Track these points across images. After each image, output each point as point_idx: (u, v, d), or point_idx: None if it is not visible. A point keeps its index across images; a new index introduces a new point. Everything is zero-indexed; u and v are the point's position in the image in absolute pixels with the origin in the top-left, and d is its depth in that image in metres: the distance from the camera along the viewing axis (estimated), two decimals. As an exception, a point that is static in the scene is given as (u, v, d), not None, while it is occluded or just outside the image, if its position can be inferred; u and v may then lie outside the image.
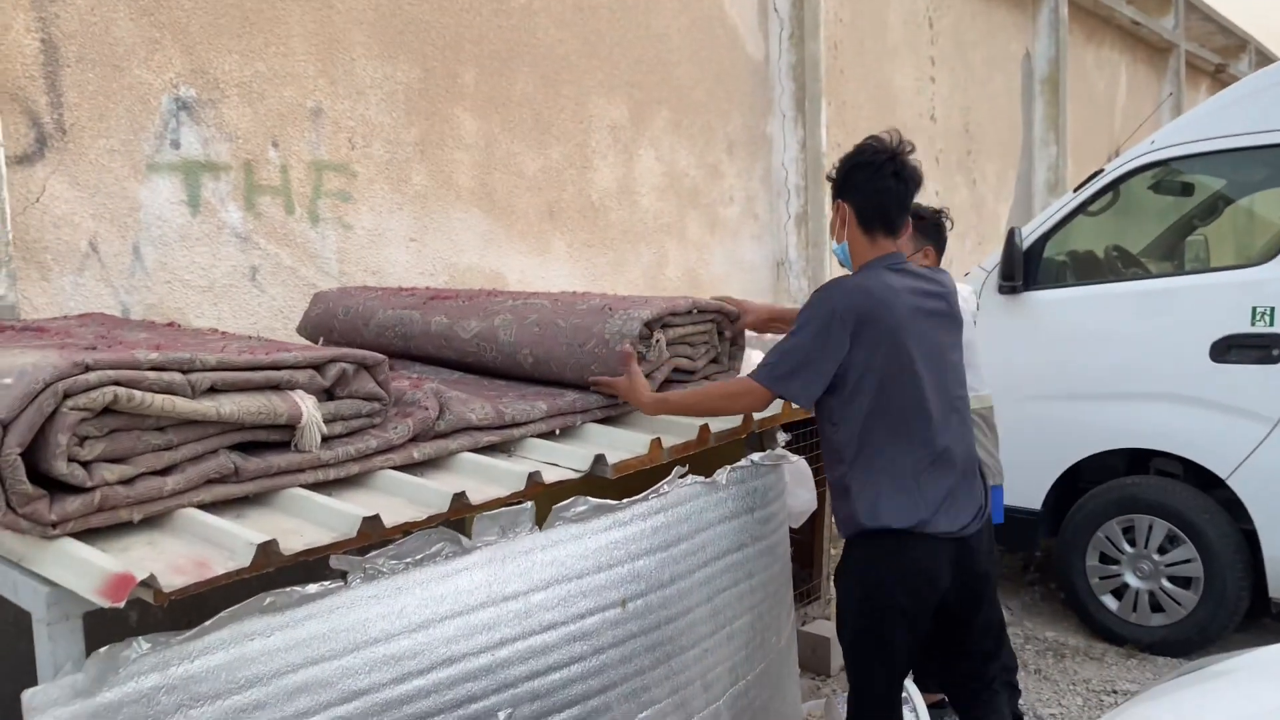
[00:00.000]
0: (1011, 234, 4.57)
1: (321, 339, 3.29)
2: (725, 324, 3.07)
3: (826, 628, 4.32)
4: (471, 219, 4.57)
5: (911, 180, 2.56)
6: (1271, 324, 3.91)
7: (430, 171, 4.37)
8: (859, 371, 2.45)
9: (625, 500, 2.39)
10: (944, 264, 3.50)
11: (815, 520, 4.35)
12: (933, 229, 3.50)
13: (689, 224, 5.81)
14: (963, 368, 2.67)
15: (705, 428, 2.66)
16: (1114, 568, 4.39)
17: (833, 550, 5.02)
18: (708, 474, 2.65)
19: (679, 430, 2.67)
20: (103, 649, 1.65)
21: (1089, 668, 4.18)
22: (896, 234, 2.59)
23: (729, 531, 2.67)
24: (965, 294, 3.40)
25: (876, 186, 2.53)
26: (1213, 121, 4.34)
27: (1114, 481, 4.36)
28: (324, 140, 3.98)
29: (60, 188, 3.25)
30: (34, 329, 2.63)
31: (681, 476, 2.55)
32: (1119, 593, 4.38)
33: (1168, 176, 4.58)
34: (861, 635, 2.57)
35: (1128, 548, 4.34)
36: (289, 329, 3.71)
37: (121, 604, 1.57)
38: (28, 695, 1.60)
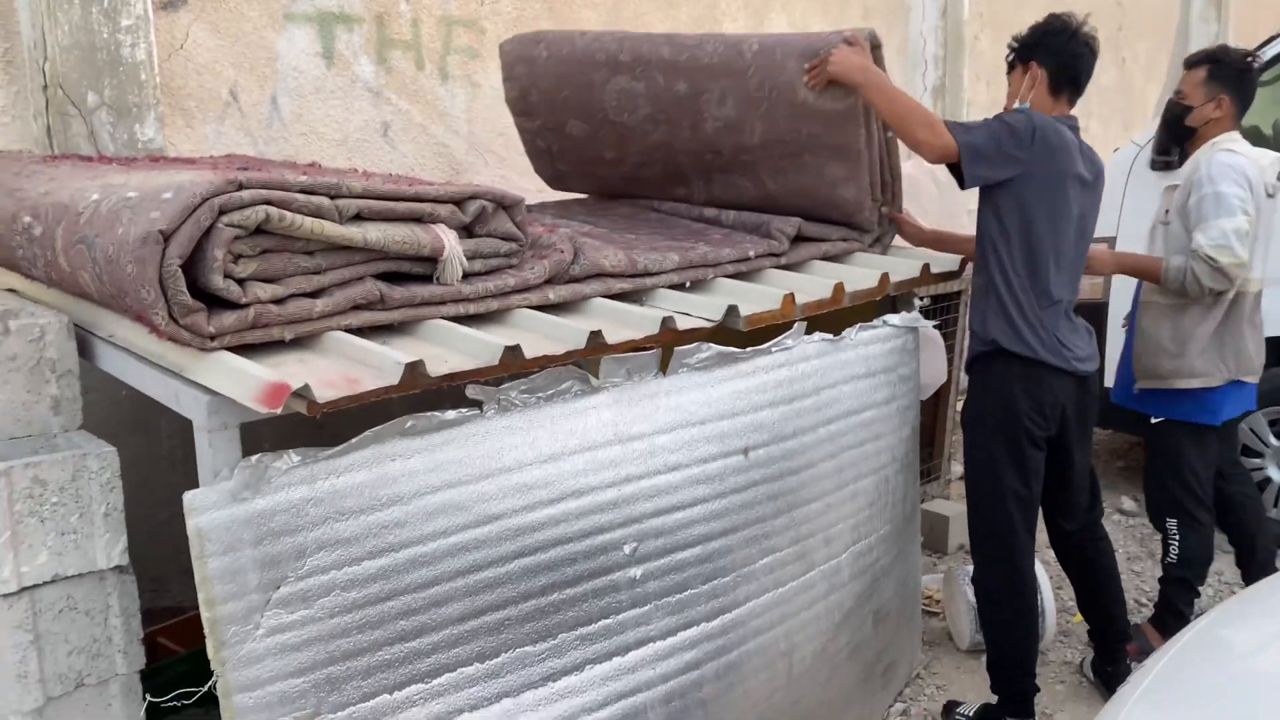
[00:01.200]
0: (1170, 105, 4.25)
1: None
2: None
3: (946, 506, 4.28)
4: (598, 81, 4.49)
5: (1096, 56, 2.79)
6: None
7: (558, 29, 4.28)
8: (1019, 198, 2.65)
9: (748, 349, 2.36)
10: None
11: (939, 399, 4.27)
12: (1234, 76, 3.04)
13: (819, 94, 5.61)
14: (1091, 237, 2.85)
15: (840, 286, 2.60)
16: (1256, 460, 4.19)
17: (954, 436, 4.93)
18: (837, 333, 2.60)
19: (812, 288, 2.61)
20: (254, 458, 1.73)
21: (1222, 560, 4.03)
22: (1074, 102, 2.81)
23: (856, 391, 2.63)
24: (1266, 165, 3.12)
25: (1072, 51, 2.73)
26: None
27: (1266, 372, 4.11)
28: (454, -6, 3.93)
29: (202, 35, 3.31)
30: (184, 160, 2.71)
31: (802, 329, 2.50)
32: (1261, 487, 4.19)
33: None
34: (993, 444, 2.74)
35: (1274, 441, 4.13)
36: (419, 185, 3.74)
37: (278, 410, 1.63)
38: (189, 496, 1.70)
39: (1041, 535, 3.03)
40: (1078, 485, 2.96)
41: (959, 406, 5.74)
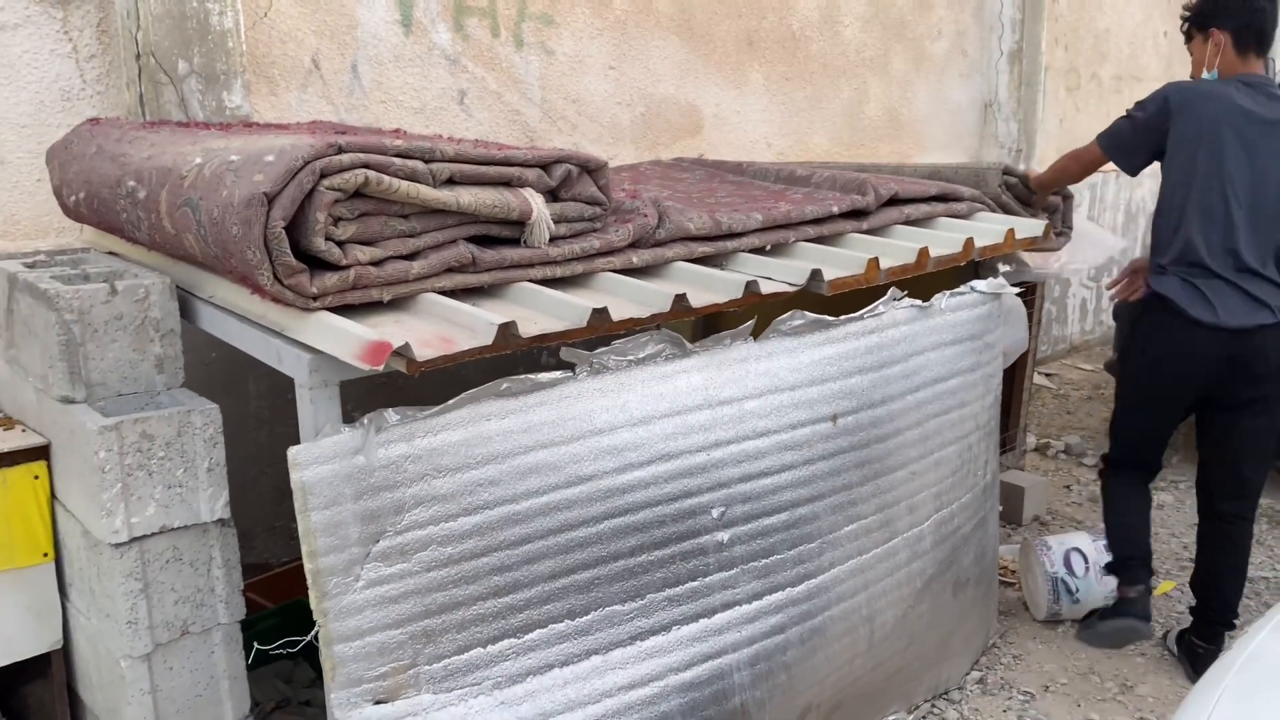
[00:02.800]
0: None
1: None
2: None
3: (1022, 477, 4.23)
4: (670, 47, 4.46)
5: (1278, 2, 2.88)
6: None
7: (631, -4, 4.27)
8: (1173, 153, 2.84)
9: (841, 317, 2.34)
10: None
11: (1016, 370, 4.20)
12: None
13: (893, 59, 5.51)
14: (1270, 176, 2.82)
15: (924, 251, 2.56)
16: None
17: (1029, 407, 4.86)
18: (925, 299, 2.57)
19: (896, 253, 2.58)
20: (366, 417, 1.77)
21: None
22: (1267, 51, 2.90)
23: (943, 358, 2.60)
24: None
25: (1252, 7, 2.85)
26: None
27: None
28: (529, -39, 3.92)
29: (286, 3, 3.34)
30: (277, 126, 2.75)
31: (897, 298, 2.48)
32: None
33: None
34: (1135, 381, 3.00)
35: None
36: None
37: (380, 367, 1.66)
38: (293, 451, 1.74)
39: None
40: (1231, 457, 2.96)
41: (1035, 377, 5.63)
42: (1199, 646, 3.02)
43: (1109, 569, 3.16)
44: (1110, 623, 3.07)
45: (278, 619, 2.73)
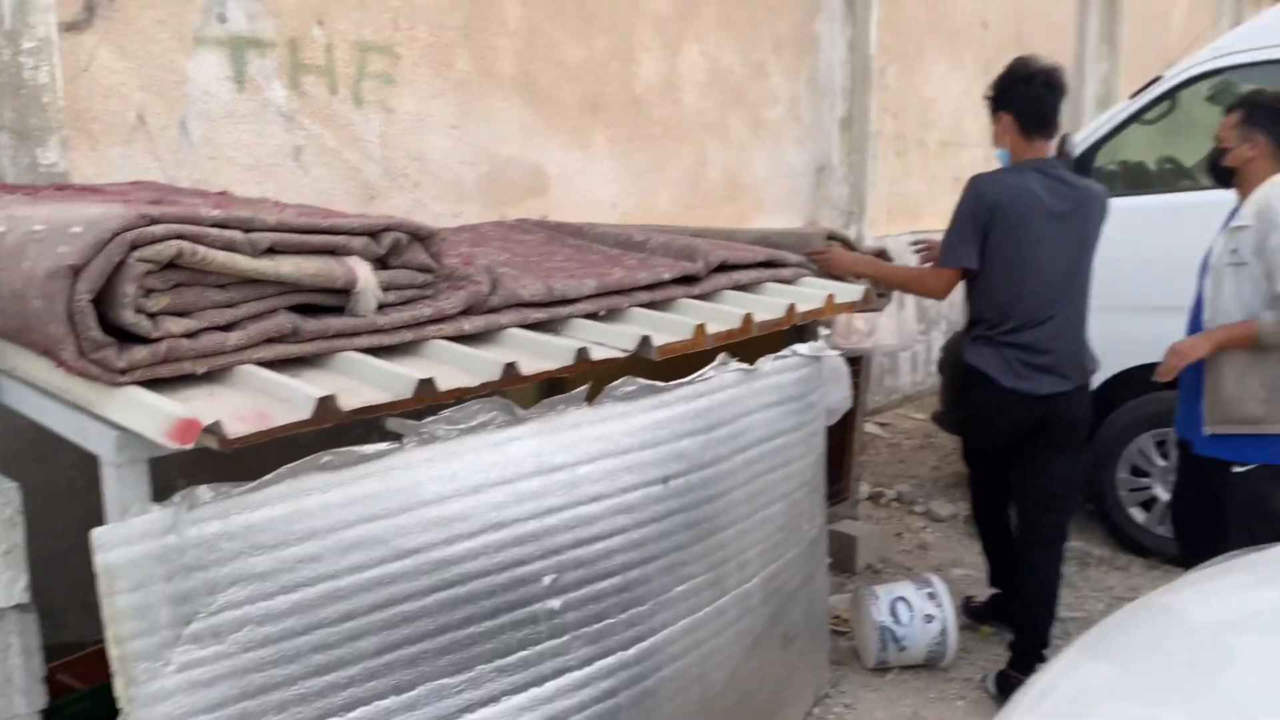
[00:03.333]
0: (1063, 140, 4.46)
1: None
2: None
3: (855, 527, 4.40)
4: (513, 109, 4.52)
5: (1061, 89, 3.16)
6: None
7: (473, 57, 4.31)
8: (990, 249, 3.12)
9: (671, 382, 2.41)
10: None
11: (847, 424, 4.38)
12: (1267, 117, 3.11)
13: (732, 124, 5.73)
14: (1083, 267, 3.28)
15: (749, 316, 2.67)
16: (1144, 480, 4.41)
17: (861, 456, 5.07)
18: (749, 362, 2.67)
19: (723, 318, 2.67)
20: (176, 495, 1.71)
21: (1113, 576, 4.24)
22: (1050, 136, 3.22)
23: (768, 419, 2.70)
24: None
25: (1033, 95, 3.13)
26: (1275, 31, 4.20)
27: (1150, 395, 4.34)
28: (368, 20, 3.92)
29: (109, 58, 3.24)
30: (91, 189, 2.65)
31: (725, 363, 2.57)
32: (1148, 505, 4.41)
33: (1226, 87, 4.44)
34: (970, 433, 3.57)
35: (1160, 461, 4.35)
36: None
37: (190, 445, 1.61)
38: (98, 533, 1.67)
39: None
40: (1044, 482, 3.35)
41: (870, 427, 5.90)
42: (1014, 678, 3.21)
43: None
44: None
45: (89, 702, 2.59)
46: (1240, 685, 1.63)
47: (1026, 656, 3.26)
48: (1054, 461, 3.28)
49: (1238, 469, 3.13)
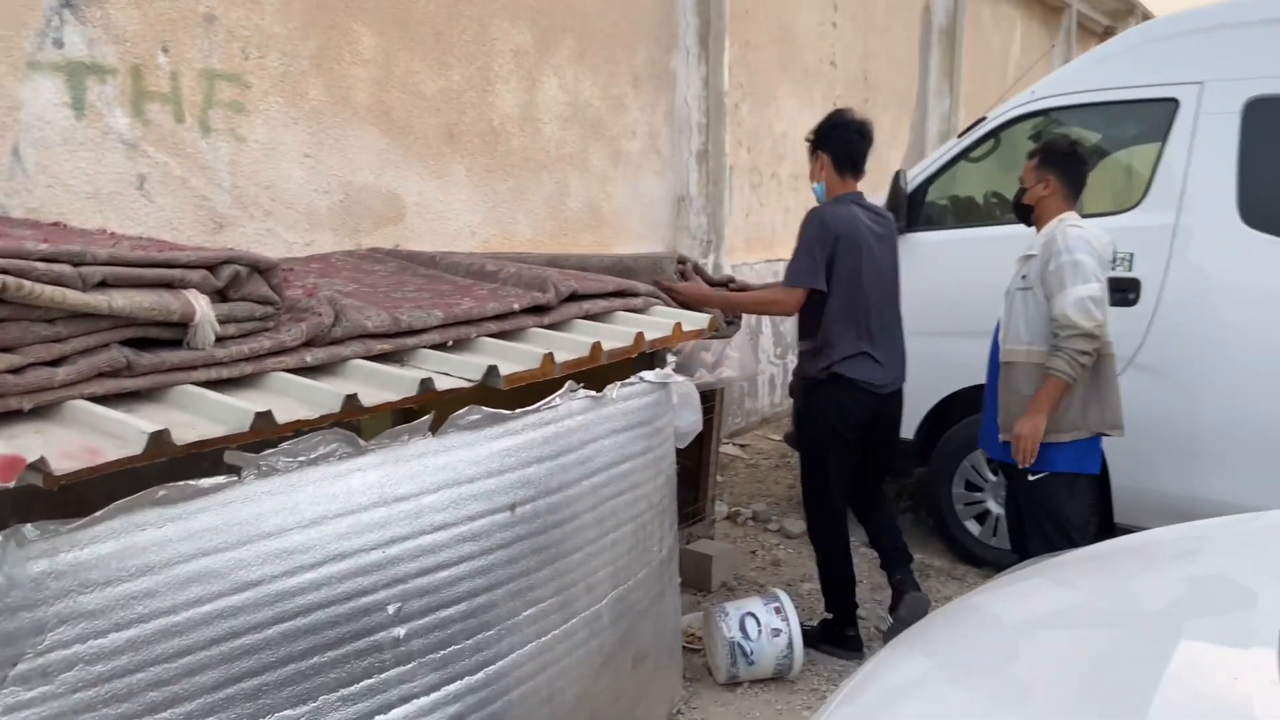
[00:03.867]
0: (897, 176, 4.75)
1: None
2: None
3: (710, 546, 4.52)
4: (368, 138, 4.52)
5: (869, 138, 3.71)
6: (1130, 269, 4.20)
7: (326, 86, 4.30)
8: (835, 271, 3.55)
9: (518, 410, 2.47)
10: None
11: (703, 445, 4.53)
12: (1058, 160, 3.49)
13: (592, 156, 5.85)
14: (897, 281, 3.77)
15: (597, 345, 2.75)
16: (978, 494, 4.69)
17: (719, 477, 5.22)
18: (598, 390, 2.75)
19: (571, 347, 2.75)
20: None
21: (951, 586, 4.48)
22: (859, 176, 3.73)
23: (616, 444, 2.79)
24: (1106, 240, 3.50)
25: (848, 140, 3.65)
26: (1091, 75, 4.57)
27: (977, 415, 4.64)
28: (217, 49, 3.87)
29: (-67, 81, 3.12)
30: (-90, 221, 2.54)
31: (573, 391, 2.65)
32: (981, 518, 4.69)
33: (1047, 126, 4.81)
34: (822, 442, 3.73)
35: (990, 476, 4.63)
36: (177, 241, 3.64)
37: (11, 484, 1.59)
38: (-87, 577, 1.62)
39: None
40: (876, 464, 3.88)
41: (729, 448, 6.09)
42: (902, 608, 3.69)
43: (838, 615, 3.82)
44: (834, 649, 3.81)
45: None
46: (1030, 671, 1.80)
47: (907, 575, 3.80)
48: (879, 451, 3.82)
49: (1031, 477, 3.45)
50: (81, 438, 1.78)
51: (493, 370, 2.44)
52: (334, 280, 3.02)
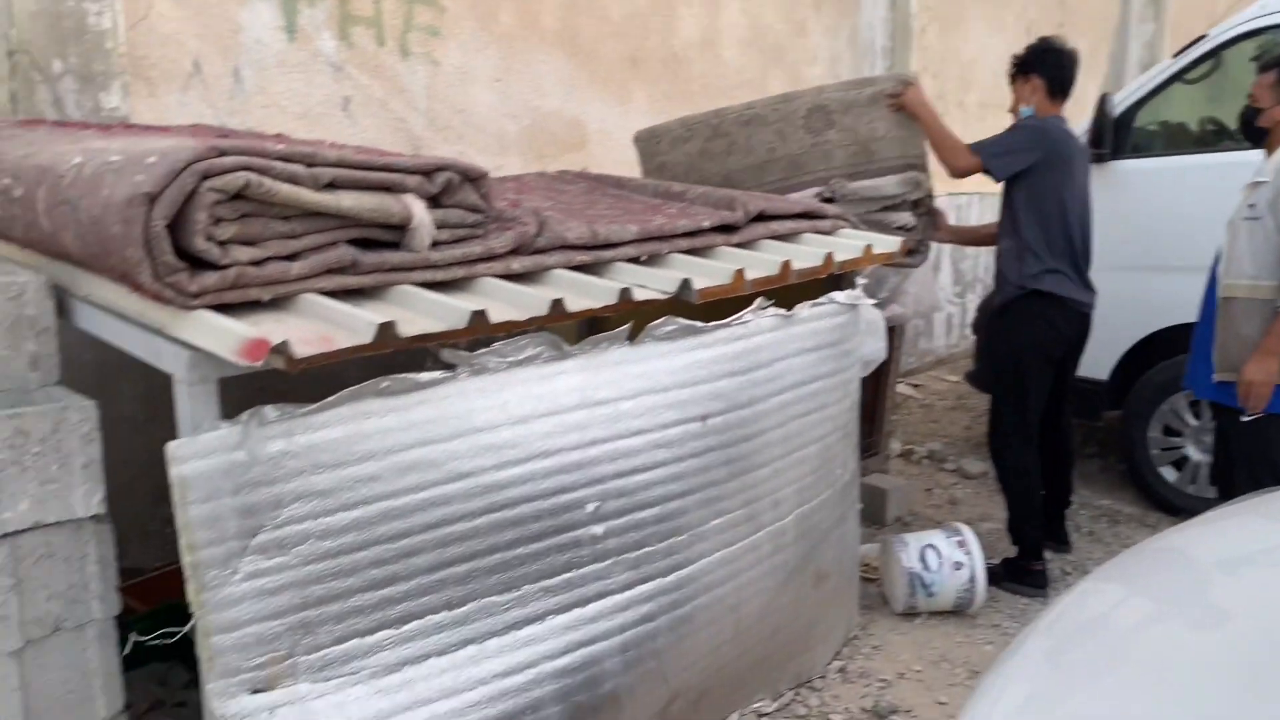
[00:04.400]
0: (1103, 100, 4.46)
1: None
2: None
3: (885, 480, 4.46)
4: (556, 63, 4.58)
5: (1078, 64, 3.73)
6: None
7: (517, 10, 4.37)
8: (1042, 180, 3.56)
9: (711, 324, 2.49)
10: None
11: (880, 380, 4.44)
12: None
13: (770, 82, 5.74)
14: (1090, 206, 3.75)
15: (787, 263, 2.73)
16: (1176, 440, 4.43)
17: (893, 415, 5.13)
18: (788, 308, 2.73)
19: (761, 265, 2.73)
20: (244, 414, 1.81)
21: (1142, 533, 4.27)
22: (1065, 102, 3.73)
23: (804, 364, 2.77)
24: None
25: (1061, 64, 3.68)
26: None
27: (1185, 355, 4.35)
28: (415, -27, 3.99)
29: (167, 6, 3.33)
30: (158, 129, 2.75)
31: (763, 308, 2.64)
32: (1179, 465, 4.44)
33: (1271, 47, 4.41)
34: (1025, 362, 3.64)
35: (1193, 420, 4.37)
36: (380, 159, 3.79)
37: (259, 363, 1.71)
38: (172, 446, 1.78)
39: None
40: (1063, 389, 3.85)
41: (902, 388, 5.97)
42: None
43: (1023, 550, 3.76)
44: (1019, 586, 3.73)
45: (150, 622, 2.71)
46: (1229, 600, 1.74)
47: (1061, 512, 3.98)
48: (1067, 378, 3.85)
49: (1245, 418, 3.21)
50: (314, 327, 1.89)
51: (686, 283, 2.45)
52: (530, 198, 3.09)
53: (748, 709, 2.87)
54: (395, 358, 2.00)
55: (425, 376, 2.03)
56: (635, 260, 2.63)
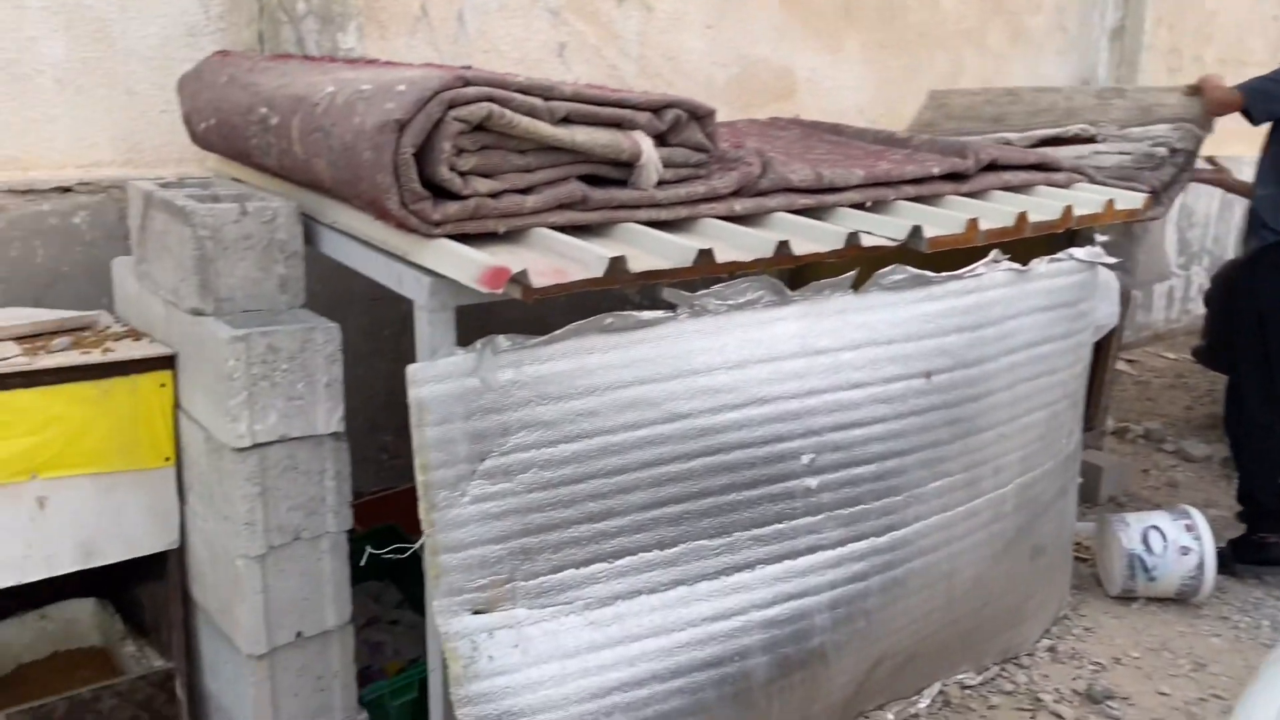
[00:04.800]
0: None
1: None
2: None
3: (1100, 457, 4.20)
4: (767, 9, 4.46)
5: None
6: None
7: (732, -44, 4.27)
8: None
9: (942, 274, 2.36)
10: None
11: (1102, 349, 4.15)
12: None
13: (990, 32, 5.42)
14: None
15: (1023, 215, 2.56)
16: None
17: (1113, 389, 4.80)
18: (1022, 263, 2.57)
19: (994, 216, 2.58)
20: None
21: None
22: None
23: (1037, 324, 2.60)
24: None
25: None
26: None
27: None
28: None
29: (399, -50, 3.43)
30: (400, 63, 2.83)
31: (997, 261, 2.49)
32: None
33: None
34: (1272, 316, 3.37)
35: None
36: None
37: (499, 290, 1.73)
38: (412, 369, 1.83)
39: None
40: None
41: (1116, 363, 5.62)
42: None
43: (1256, 521, 3.48)
44: (1253, 568, 3.47)
45: (368, 542, 2.85)
46: None
47: None
48: None
49: None
50: (547, 260, 1.91)
51: (917, 231, 2.34)
52: (745, 143, 3.02)
53: (950, 679, 2.76)
54: (597, 304, 2.00)
55: (647, 315, 2.02)
56: (859, 206, 2.54)
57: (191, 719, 2.40)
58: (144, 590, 2.47)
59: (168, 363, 2.21)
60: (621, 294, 3.98)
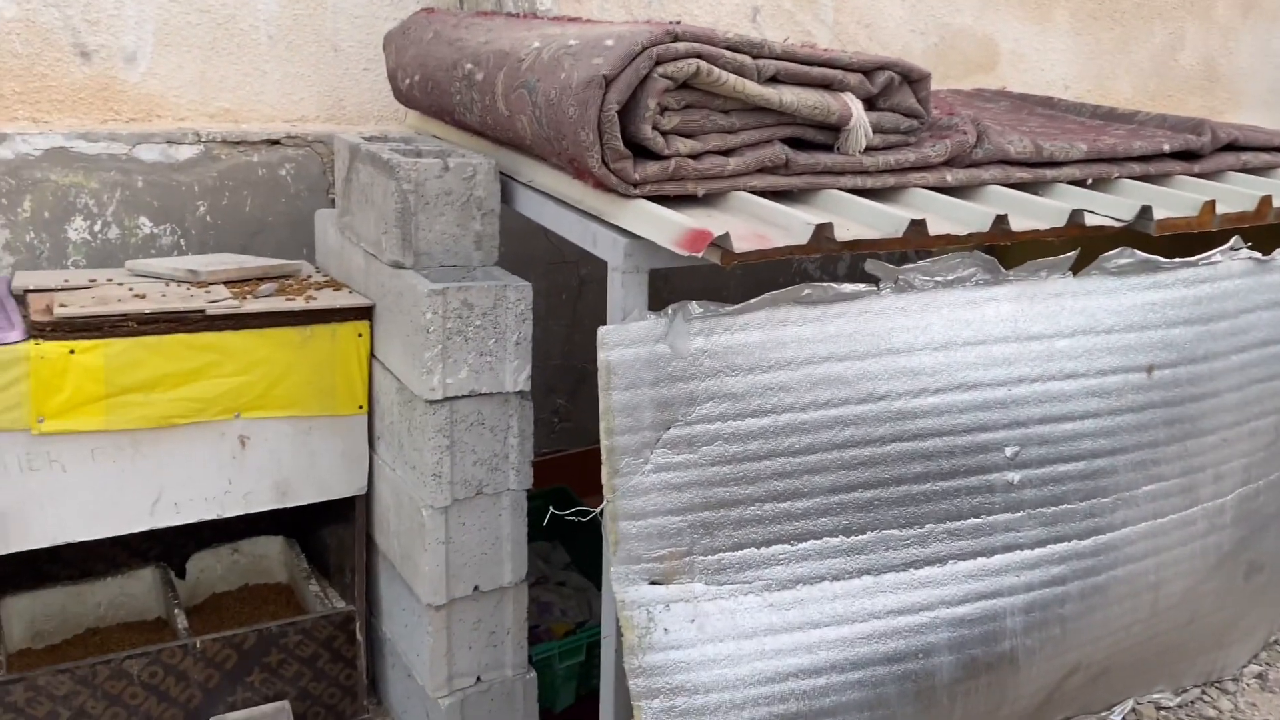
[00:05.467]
0: None
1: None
2: None
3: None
4: (973, -25, 4.22)
5: None
6: None
7: (939, -83, 4.05)
8: None
9: (1173, 260, 2.16)
10: None
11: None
12: None
13: (1217, 1, 4.98)
14: None
15: (1267, 200, 2.31)
16: None
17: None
18: (1265, 252, 2.33)
19: (1232, 199, 2.34)
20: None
21: None
22: None
23: (1276, 320, 2.35)
24: None
25: None
26: None
27: None
28: (837, -125, 3.79)
29: (597, -90, 3.39)
30: (605, 21, 2.80)
31: (1236, 249, 2.26)
32: None
33: None
34: None
35: None
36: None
37: (699, 254, 1.67)
38: (603, 331, 1.79)
39: None
40: None
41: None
42: None
43: None
44: None
45: (541, 501, 2.88)
46: None
47: None
48: None
49: None
50: (748, 225, 1.83)
51: (1145, 211, 2.14)
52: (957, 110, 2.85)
53: (1145, 698, 2.57)
54: (777, 279, 1.91)
55: (847, 288, 1.91)
56: (1078, 183, 2.35)
57: (368, 661, 2.48)
58: (329, 532, 2.56)
59: (366, 313, 2.26)
60: (802, 268, 3.86)
